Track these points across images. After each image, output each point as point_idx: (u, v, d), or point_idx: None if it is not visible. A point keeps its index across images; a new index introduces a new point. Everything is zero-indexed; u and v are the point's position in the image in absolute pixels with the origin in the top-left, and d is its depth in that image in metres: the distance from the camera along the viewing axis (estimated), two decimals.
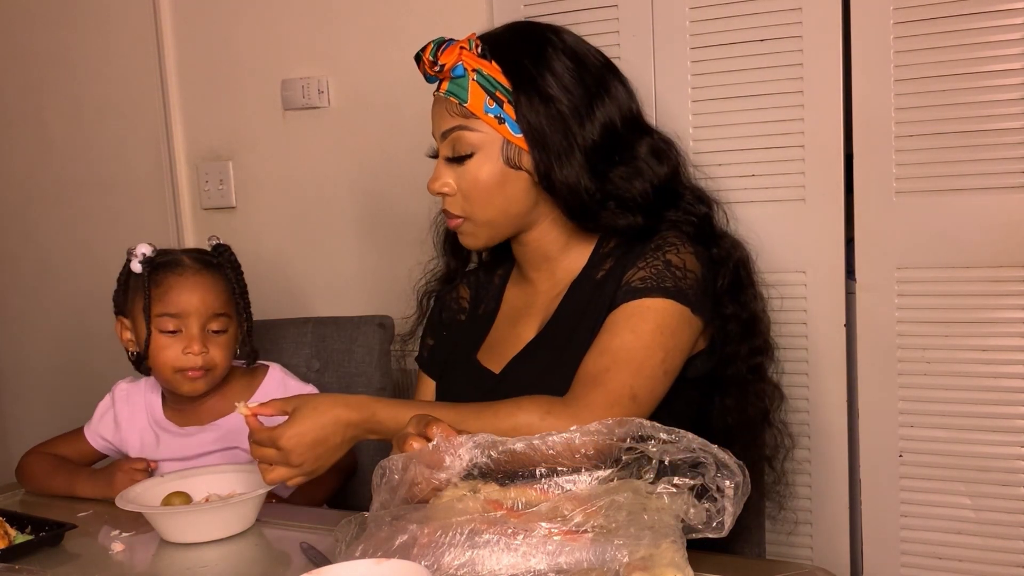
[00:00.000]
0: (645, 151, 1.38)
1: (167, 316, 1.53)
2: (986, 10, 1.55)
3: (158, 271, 1.56)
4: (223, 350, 1.57)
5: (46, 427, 2.78)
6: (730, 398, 1.41)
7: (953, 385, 1.65)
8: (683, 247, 1.34)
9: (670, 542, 0.95)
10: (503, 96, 1.31)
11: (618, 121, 1.36)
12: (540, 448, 1.03)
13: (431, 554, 0.96)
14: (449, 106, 1.33)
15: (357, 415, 1.21)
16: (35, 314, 2.76)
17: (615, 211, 1.34)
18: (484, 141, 1.32)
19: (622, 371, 1.24)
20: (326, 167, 2.27)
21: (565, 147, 1.31)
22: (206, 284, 1.56)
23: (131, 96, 2.48)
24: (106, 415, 1.69)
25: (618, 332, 1.27)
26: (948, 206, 1.62)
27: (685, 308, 1.29)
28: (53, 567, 1.25)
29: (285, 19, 2.26)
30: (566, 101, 1.32)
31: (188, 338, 1.53)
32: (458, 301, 1.56)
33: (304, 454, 1.19)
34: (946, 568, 1.69)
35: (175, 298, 1.54)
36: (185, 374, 1.55)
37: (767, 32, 1.71)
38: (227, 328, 1.58)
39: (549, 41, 1.35)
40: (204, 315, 1.54)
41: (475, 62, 1.31)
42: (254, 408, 1.24)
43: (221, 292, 1.58)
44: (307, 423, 1.19)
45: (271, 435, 1.19)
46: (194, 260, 1.59)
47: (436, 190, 1.36)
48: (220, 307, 1.57)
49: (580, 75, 1.34)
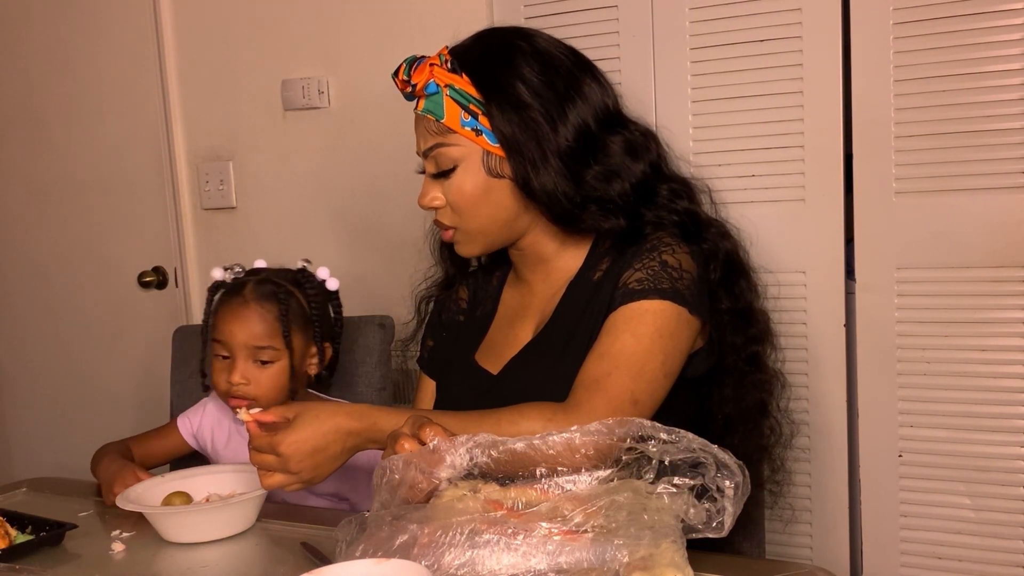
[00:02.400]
0: (621, 149, 1.37)
1: (217, 342, 1.55)
2: (986, 10, 1.56)
3: (225, 295, 1.57)
4: (269, 381, 1.54)
5: (46, 427, 2.79)
6: (728, 388, 1.42)
7: (953, 385, 1.65)
8: (678, 247, 1.34)
9: (670, 542, 0.95)
10: (477, 108, 1.31)
11: (591, 122, 1.35)
12: (540, 448, 1.03)
13: (431, 554, 0.96)
14: (427, 124, 1.34)
15: (358, 424, 1.20)
16: (35, 314, 2.76)
17: (597, 214, 1.34)
18: (464, 154, 1.33)
19: (623, 375, 1.24)
20: (326, 167, 2.27)
21: (540, 154, 1.31)
22: (252, 316, 1.54)
23: (131, 96, 2.49)
24: (199, 405, 1.70)
25: (618, 336, 1.27)
26: (948, 206, 1.62)
27: (683, 309, 1.29)
28: (53, 567, 1.25)
29: (285, 19, 2.26)
30: (538, 107, 1.32)
31: (231, 366, 1.54)
32: (457, 302, 1.56)
33: (303, 461, 1.18)
34: (946, 568, 1.69)
35: (223, 327, 1.55)
36: (230, 402, 1.55)
37: (767, 32, 1.71)
38: (275, 360, 1.55)
39: (517, 48, 1.35)
40: (247, 347, 1.53)
41: (446, 77, 1.32)
42: (255, 414, 1.24)
43: (270, 324, 1.54)
44: (307, 430, 1.19)
45: (271, 441, 1.19)
46: (253, 289, 1.56)
47: (426, 205, 1.38)
48: (265, 340, 1.53)
49: (550, 79, 1.34)
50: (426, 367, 1.56)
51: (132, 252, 2.55)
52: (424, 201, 1.37)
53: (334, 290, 1.63)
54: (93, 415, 2.68)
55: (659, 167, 1.42)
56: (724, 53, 1.75)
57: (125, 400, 2.59)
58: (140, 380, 2.59)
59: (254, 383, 1.53)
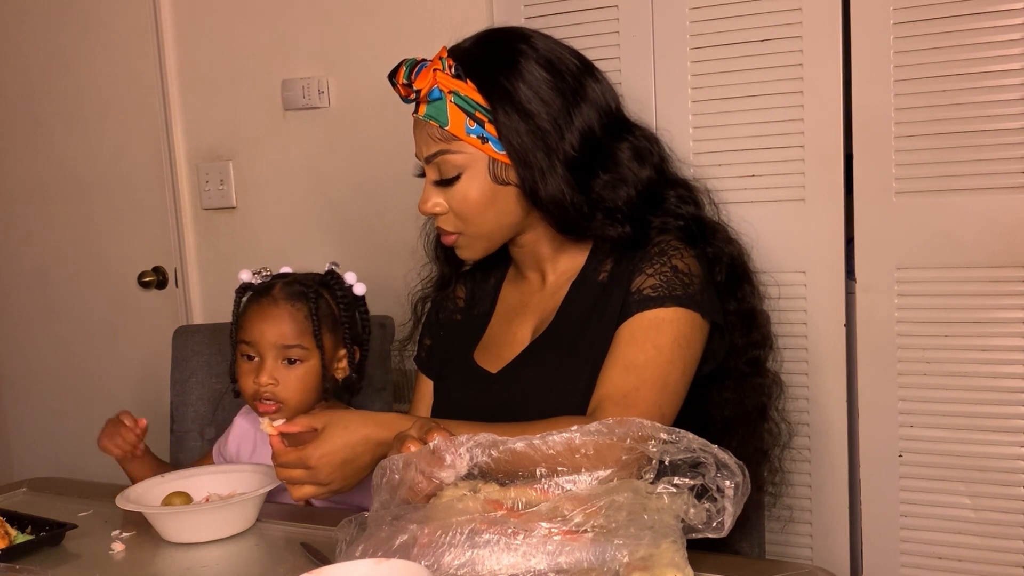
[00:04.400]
0: (627, 155, 1.36)
1: (244, 343, 1.53)
2: (986, 10, 1.56)
3: (252, 296, 1.56)
4: (298, 383, 1.51)
5: (46, 428, 2.79)
6: (728, 391, 1.42)
7: (953, 385, 1.65)
8: (685, 251, 1.34)
9: (670, 542, 0.95)
10: (483, 116, 1.29)
11: (597, 127, 1.34)
12: (540, 448, 1.03)
13: (431, 554, 0.96)
14: (430, 130, 1.32)
15: (387, 434, 1.20)
16: (35, 314, 2.76)
17: (603, 222, 1.34)
18: (469, 161, 1.31)
19: (650, 390, 1.25)
20: (326, 167, 2.27)
21: (548, 163, 1.30)
22: (282, 315, 1.51)
23: (131, 96, 2.49)
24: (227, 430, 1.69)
25: (640, 346, 1.27)
26: (948, 206, 1.62)
27: (696, 314, 1.30)
28: (53, 567, 1.25)
29: (285, 19, 2.26)
30: (544, 114, 1.30)
31: (259, 367, 1.51)
32: (454, 301, 1.55)
33: (333, 473, 1.19)
34: (946, 568, 1.69)
35: (250, 326, 1.52)
36: (258, 406, 1.52)
37: (767, 32, 1.71)
38: (303, 360, 1.51)
39: (521, 52, 1.33)
40: (275, 346, 1.50)
41: (450, 83, 1.30)
42: (280, 427, 1.24)
43: (299, 323, 1.51)
44: (337, 441, 1.19)
45: (300, 456, 1.20)
46: (282, 288, 1.54)
47: (427, 211, 1.35)
48: (294, 339, 1.50)
49: (556, 84, 1.32)
50: (424, 367, 1.56)
51: (132, 252, 2.55)
52: (426, 208, 1.35)
53: (361, 295, 1.59)
54: (93, 415, 2.67)
55: (663, 171, 1.42)
56: (724, 53, 1.75)
57: (125, 400, 2.59)
58: (140, 380, 2.59)
59: (283, 384, 1.49)
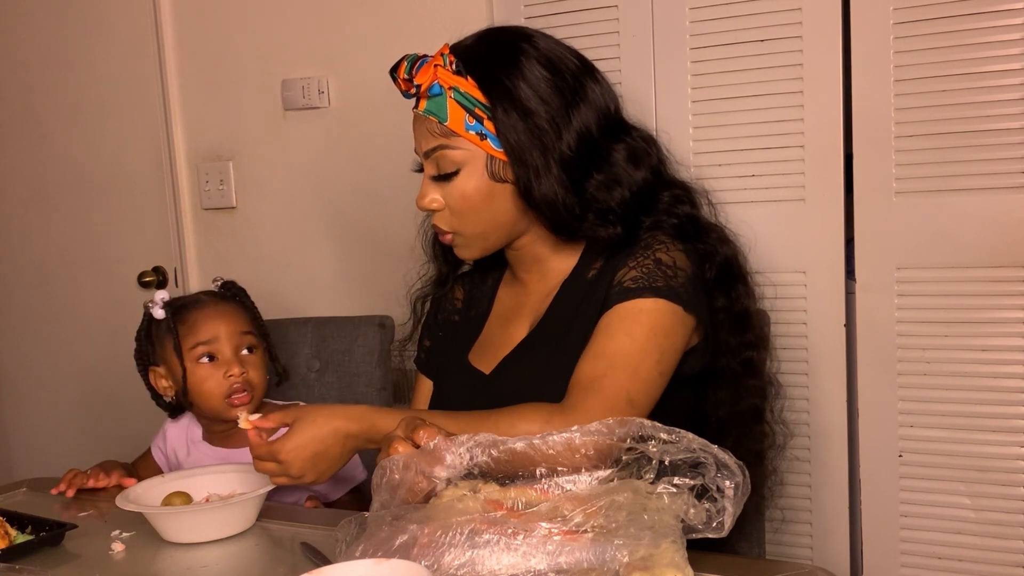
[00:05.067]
0: (623, 157, 1.36)
1: (200, 345, 1.57)
2: (986, 10, 1.56)
3: (180, 311, 1.61)
4: (258, 369, 1.61)
5: (46, 428, 2.79)
6: (723, 391, 1.41)
7: (953, 385, 1.65)
8: (672, 245, 1.34)
9: (670, 542, 0.95)
10: (482, 113, 1.30)
11: (594, 128, 1.34)
12: (540, 448, 1.03)
13: (431, 554, 0.96)
14: (429, 125, 1.32)
15: (356, 426, 1.22)
16: (35, 314, 2.76)
17: (594, 224, 1.34)
18: (468, 158, 1.32)
19: (618, 376, 1.24)
20: (326, 167, 2.27)
21: (543, 163, 1.30)
22: (227, 310, 1.62)
23: (131, 96, 2.49)
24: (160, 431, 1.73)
25: (613, 335, 1.27)
26: (948, 206, 1.62)
27: (678, 307, 1.29)
28: (53, 567, 1.25)
29: (285, 19, 2.26)
30: (543, 113, 1.30)
31: (225, 362, 1.57)
32: (453, 302, 1.56)
33: (303, 466, 1.21)
34: (946, 568, 1.69)
35: (203, 327, 1.58)
36: (232, 400, 1.56)
37: (767, 32, 1.71)
38: (257, 346, 1.62)
39: (522, 50, 1.33)
40: (234, 336, 1.58)
41: (451, 79, 1.30)
42: (255, 421, 1.25)
43: (243, 315, 1.63)
44: (306, 435, 1.20)
45: (270, 450, 1.22)
46: (209, 295, 1.65)
47: (424, 207, 1.36)
48: (247, 327, 1.62)
49: (556, 83, 1.32)
50: (423, 367, 1.56)
51: (132, 252, 2.55)
52: (423, 203, 1.36)
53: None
54: (93, 415, 2.68)
55: (660, 173, 1.42)
56: (724, 53, 1.75)
57: (125, 400, 2.59)
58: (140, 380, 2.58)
59: (250, 369, 1.58)
